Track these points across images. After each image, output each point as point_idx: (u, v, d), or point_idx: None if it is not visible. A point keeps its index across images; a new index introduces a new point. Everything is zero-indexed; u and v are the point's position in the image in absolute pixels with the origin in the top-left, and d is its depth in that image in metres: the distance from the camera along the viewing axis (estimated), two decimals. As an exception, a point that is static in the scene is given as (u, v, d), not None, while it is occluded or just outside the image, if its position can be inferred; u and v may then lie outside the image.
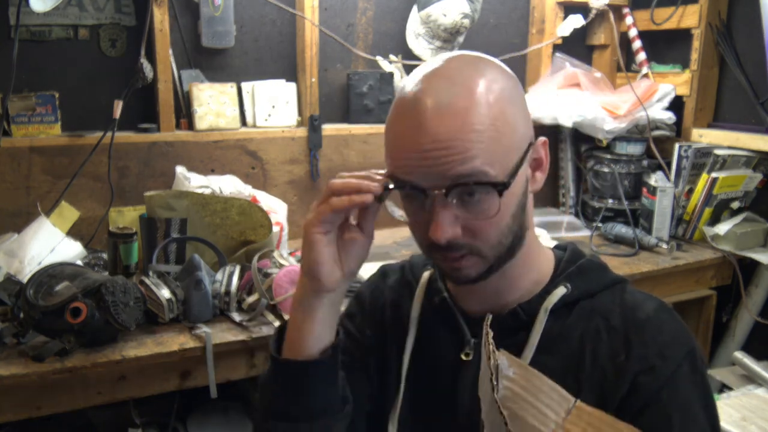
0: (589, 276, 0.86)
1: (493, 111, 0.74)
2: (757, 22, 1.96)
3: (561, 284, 0.84)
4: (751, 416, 1.61)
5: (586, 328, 0.82)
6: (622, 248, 2.05)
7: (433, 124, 0.72)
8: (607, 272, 0.88)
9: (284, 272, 1.48)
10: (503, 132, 0.74)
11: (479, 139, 0.72)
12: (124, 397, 1.35)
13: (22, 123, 1.74)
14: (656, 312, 0.82)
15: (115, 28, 1.87)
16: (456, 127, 0.72)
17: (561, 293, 0.83)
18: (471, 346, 0.86)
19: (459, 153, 0.72)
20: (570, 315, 0.83)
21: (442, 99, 0.73)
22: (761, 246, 2.09)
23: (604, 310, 0.83)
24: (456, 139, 0.72)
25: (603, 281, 0.86)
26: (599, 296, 0.84)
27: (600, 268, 0.88)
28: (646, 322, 0.81)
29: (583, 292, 0.84)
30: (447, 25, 2.12)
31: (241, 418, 1.76)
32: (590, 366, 0.80)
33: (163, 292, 1.39)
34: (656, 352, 0.78)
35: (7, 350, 1.27)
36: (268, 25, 2.06)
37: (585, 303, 0.84)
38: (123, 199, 1.83)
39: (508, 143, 0.75)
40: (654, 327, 0.80)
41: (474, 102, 0.73)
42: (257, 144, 2.01)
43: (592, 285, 0.85)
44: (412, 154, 0.74)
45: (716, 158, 2.08)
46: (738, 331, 2.17)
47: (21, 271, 1.47)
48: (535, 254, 0.87)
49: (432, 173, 0.73)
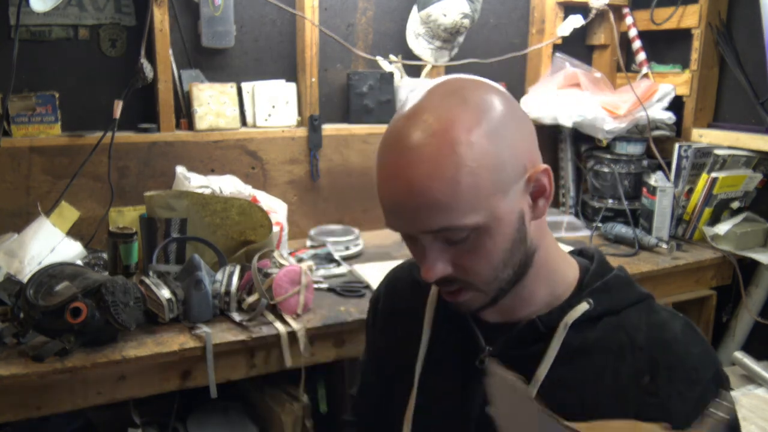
0: (614, 293, 0.83)
1: (473, 152, 0.70)
2: (757, 22, 1.96)
3: (584, 300, 0.81)
4: (751, 416, 1.61)
5: (609, 344, 0.80)
6: (622, 248, 2.05)
7: (407, 173, 0.70)
8: (633, 288, 0.86)
9: (284, 272, 1.48)
10: (483, 175, 0.70)
11: (453, 190, 0.69)
12: (124, 397, 1.35)
13: (22, 123, 1.74)
14: (683, 333, 0.80)
15: (115, 28, 1.87)
16: (428, 177, 0.69)
17: (583, 309, 0.80)
18: (485, 354, 0.85)
19: (433, 206, 0.70)
20: (593, 329, 0.81)
21: (416, 144, 0.70)
22: (761, 246, 2.09)
23: (630, 327, 0.80)
24: (428, 192, 0.70)
25: (629, 298, 0.84)
26: (624, 312, 0.82)
27: (627, 283, 0.86)
28: (673, 342, 0.79)
29: (608, 308, 0.82)
30: (447, 25, 2.12)
31: (241, 418, 1.75)
32: (611, 382, 0.78)
33: (163, 292, 1.39)
34: (683, 377, 0.76)
35: (7, 350, 1.27)
36: (268, 25, 2.06)
37: (609, 319, 0.81)
38: (123, 199, 1.83)
39: (490, 186, 0.71)
40: (681, 349, 0.78)
41: (449, 148, 0.69)
42: (257, 144, 2.01)
43: (617, 301, 0.83)
44: (394, 202, 0.73)
45: (716, 158, 2.08)
46: (738, 331, 2.17)
47: (21, 271, 1.47)
48: (554, 267, 0.84)
49: (415, 220, 0.72)
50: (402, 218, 0.74)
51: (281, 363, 1.43)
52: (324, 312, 1.51)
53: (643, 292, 0.86)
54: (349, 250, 1.92)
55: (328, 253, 1.85)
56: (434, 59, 2.23)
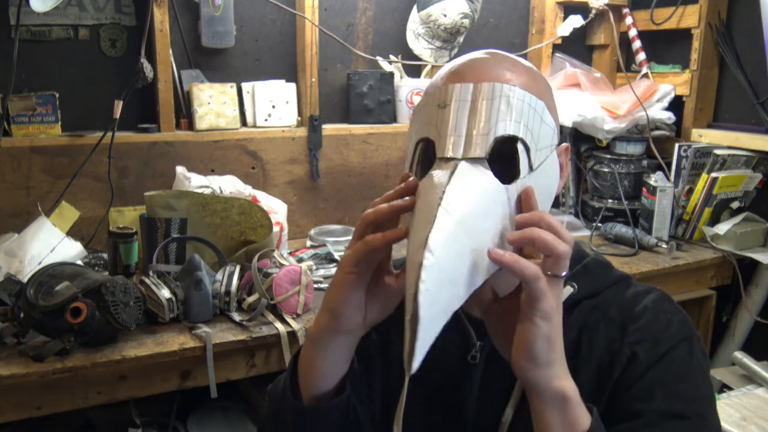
0: (594, 275, 0.86)
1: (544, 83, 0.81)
2: (757, 22, 1.96)
3: (568, 284, 0.82)
4: (751, 416, 1.61)
5: (585, 322, 0.82)
6: (622, 248, 2.05)
7: (494, 57, 0.81)
8: (611, 270, 0.88)
9: (284, 272, 1.48)
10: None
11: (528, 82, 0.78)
12: (124, 397, 1.35)
13: (22, 123, 1.74)
14: (655, 302, 0.83)
15: (115, 28, 1.87)
16: (515, 62, 0.80)
17: (568, 293, 0.82)
18: (477, 349, 0.84)
19: (511, 77, 0.78)
20: (572, 313, 0.82)
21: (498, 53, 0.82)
22: (761, 246, 2.09)
23: (605, 304, 0.83)
24: (516, 66, 0.79)
25: (608, 279, 0.86)
26: (603, 293, 0.85)
27: (604, 266, 0.88)
28: (644, 310, 0.81)
29: (589, 291, 0.84)
30: (447, 25, 2.13)
31: (241, 418, 1.76)
32: (587, 354, 0.80)
33: (163, 292, 1.39)
34: (651, 337, 0.79)
35: (7, 350, 1.27)
36: (268, 25, 2.06)
37: (588, 301, 0.84)
38: (123, 199, 1.83)
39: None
40: (650, 315, 0.81)
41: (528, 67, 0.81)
42: (257, 144, 2.01)
43: (596, 284, 0.85)
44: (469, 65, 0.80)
45: (716, 158, 2.08)
46: (738, 331, 2.17)
47: (21, 271, 1.47)
48: None
49: (487, 73, 0.78)
50: (472, 69, 0.76)
51: (281, 363, 1.43)
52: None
53: (620, 274, 0.88)
54: (348, 249, 1.92)
55: (328, 253, 1.85)
56: (434, 59, 2.23)
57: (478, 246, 0.65)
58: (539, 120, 0.73)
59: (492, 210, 0.68)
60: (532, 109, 0.73)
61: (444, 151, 0.71)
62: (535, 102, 0.73)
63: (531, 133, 0.72)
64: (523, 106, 0.72)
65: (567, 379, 0.69)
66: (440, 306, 0.63)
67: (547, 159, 0.75)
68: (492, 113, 0.71)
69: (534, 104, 0.73)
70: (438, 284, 0.62)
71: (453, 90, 0.73)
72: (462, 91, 0.73)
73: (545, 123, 0.74)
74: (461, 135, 0.71)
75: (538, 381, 0.68)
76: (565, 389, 0.68)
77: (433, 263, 0.61)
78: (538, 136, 0.73)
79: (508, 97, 0.72)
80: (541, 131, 0.74)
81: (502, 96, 0.72)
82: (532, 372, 0.67)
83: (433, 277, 0.61)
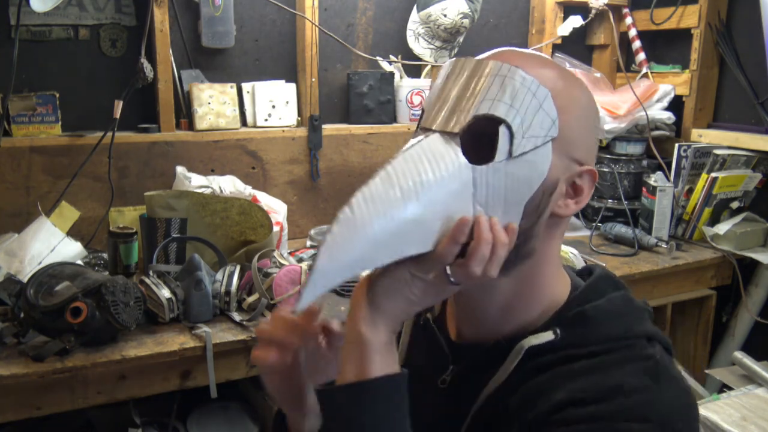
0: (588, 327, 0.72)
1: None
2: (757, 22, 1.96)
3: (551, 328, 0.72)
4: (751, 416, 1.61)
5: (555, 384, 0.69)
6: (622, 248, 2.05)
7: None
8: (615, 324, 0.73)
9: (284, 272, 1.48)
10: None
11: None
12: (124, 397, 1.35)
13: (22, 123, 1.74)
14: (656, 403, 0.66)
15: (115, 28, 1.87)
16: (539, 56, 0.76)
17: (547, 338, 0.72)
18: (448, 373, 0.79)
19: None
20: (554, 362, 0.71)
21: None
22: (761, 246, 2.09)
23: (580, 373, 0.69)
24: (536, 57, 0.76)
25: (605, 336, 0.72)
26: (593, 349, 0.71)
27: (610, 316, 0.73)
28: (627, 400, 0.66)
29: (575, 343, 0.71)
30: (447, 25, 2.13)
31: (241, 418, 1.76)
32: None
33: (163, 292, 1.39)
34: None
35: (7, 350, 1.27)
36: (268, 25, 2.06)
37: (574, 352, 0.71)
38: (123, 199, 1.83)
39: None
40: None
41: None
42: (257, 144, 2.01)
43: (587, 338, 0.71)
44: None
45: (716, 158, 2.08)
46: (738, 331, 2.17)
47: (21, 271, 1.47)
48: (541, 285, 0.76)
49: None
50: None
51: (281, 363, 1.43)
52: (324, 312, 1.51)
53: (624, 333, 0.72)
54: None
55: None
56: (434, 59, 2.23)
57: (415, 216, 0.63)
58: (536, 106, 0.68)
59: (446, 186, 0.65)
60: (530, 93, 0.68)
61: (425, 121, 0.70)
62: (536, 87, 0.68)
63: (521, 117, 0.67)
64: (519, 88, 0.67)
65: (373, 329, 0.68)
66: (344, 262, 0.62)
67: (537, 149, 0.68)
68: (481, 90, 0.68)
69: (535, 89, 0.68)
70: (348, 240, 0.61)
71: (458, 63, 0.71)
72: (464, 65, 0.71)
73: (544, 111, 0.68)
74: (445, 108, 0.69)
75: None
76: (367, 336, 0.67)
77: (348, 218, 0.61)
78: (530, 122, 0.67)
79: (504, 77, 0.68)
80: (536, 118, 0.68)
81: (499, 75, 0.68)
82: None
83: (343, 232, 0.61)
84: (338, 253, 0.61)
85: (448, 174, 0.65)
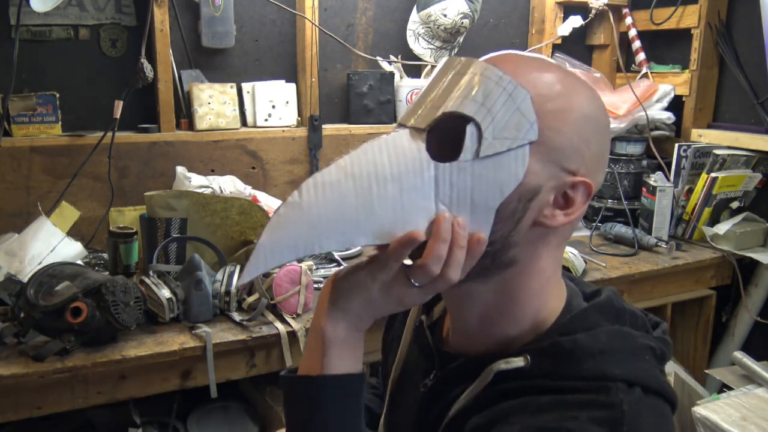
0: (561, 361, 0.67)
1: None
2: (757, 22, 1.96)
3: (524, 354, 0.68)
4: (750, 416, 1.61)
5: (513, 408, 0.66)
6: (622, 248, 2.05)
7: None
8: (590, 363, 0.66)
9: (284, 272, 1.48)
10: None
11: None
12: (124, 397, 1.35)
13: (22, 123, 1.75)
14: None
15: (115, 28, 1.87)
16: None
17: (517, 365, 0.68)
18: (431, 378, 0.78)
19: None
20: (523, 389, 0.67)
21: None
22: (761, 246, 2.09)
23: (548, 410, 0.64)
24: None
25: (577, 374, 0.66)
26: (561, 385, 0.66)
27: (587, 355, 0.66)
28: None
29: (544, 375, 0.67)
30: (447, 25, 2.13)
31: (241, 418, 1.75)
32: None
33: (163, 291, 1.39)
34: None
35: (7, 350, 1.27)
36: (268, 25, 2.06)
37: (542, 383, 0.67)
38: (123, 199, 1.83)
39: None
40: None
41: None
42: (257, 144, 2.01)
43: (558, 373, 0.66)
44: None
45: (716, 158, 2.08)
46: (738, 330, 2.17)
47: (21, 271, 1.47)
48: (523, 300, 0.72)
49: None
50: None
51: (281, 363, 1.44)
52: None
53: (600, 375, 0.65)
54: (349, 250, 1.92)
55: (328, 253, 1.86)
56: (434, 59, 2.23)
57: (370, 207, 0.63)
58: (512, 107, 0.64)
59: (404, 181, 0.63)
60: (506, 93, 0.64)
61: (401, 118, 0.71)
62: (513, 87, 0.64)
63: (492, 118, 0.64)
64: (494, 88, 0.64)
65: (332, 326, 0.68)
66: (286, 243, 0.63)
67: (510, 152, 0.64)
68: (452, 87, 0.66)
69: (511, 90, 0.64)
70: (292, 222, 0.63)
71: (450, 62, 0.70)
72: (448, 63, 0.70)
73: (520, 113, 0.64)
74: (419, 104, 0.69)
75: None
76: (326, 332, 0.67)
77: (295, 201, 0.63)
78: (502, 124, 0.64)
79: (476, 75, 0.65)
80: (510, 120, 0.64)
81: (478, 74, 0.66)
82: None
83: (289, 213, 0.63)
84: (280, 233, 0.63)
85: (406, 168, 0.64)
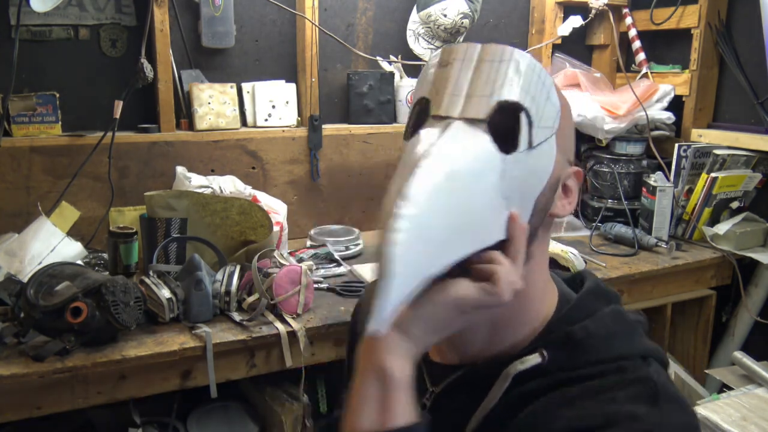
0: (577, 350, 0.67)
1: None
2: (757, 22, 1.96)
3: (538, 350, 0.68)
4: (750, 416, 1.61)
5: (548, 406, 0.65)
6: (622, 248, 2.05)
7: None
8: (606, 346, 0.68)
9: (284, 272, 1.48)
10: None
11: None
12: (124, 397, 1.35)
13: (22, 123, 1.75)
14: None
15: (115, 28, 1.87)
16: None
17: (534, 362, 0.67)
18: (428, 397, 0.76)
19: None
20: (545, 387, 0.67)
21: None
22: (761, 246, 2.09)
23: (580, 399, 0.64)
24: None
25: (595, 359, 0.67)
26: (585, 373, 0.66)
27: (600, 339, 0.68)
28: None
29: (564, 367, 0.67)
30: (447, 25, 2.13)
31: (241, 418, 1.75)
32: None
33: (163, 292, 1.39)
34: None
35: (7, 350, 1.27)
36: (268, 25, 2.06)
37: (564, 376, 0.67)
38: (123, 199, 1.83)
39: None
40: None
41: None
42: (257, 144, 2.01)
43: (576, 362, 0.67)
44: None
45: (716, 158, 2.08)
46: (738, 330, 2.17)
47: (21, 271, 1.47)
48: (532, 297, 0.71)
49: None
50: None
51: (281, 363, 1.44)
52: (324, 312, 1.51)
53: (617, 355, 0.67)
54: (349, 250, 1.92)
55: (328, 253, 1.86)
56: (434, 59, 2.23)
57: (466, 210, 0.57)
58: (546, 96, 0.64)
59: (485, 177, 0.59)
60: (541, 81, 0.64)
61: (438, 109, 0.64)
62: (545, 76, 0.64)
63: (537, 106, 0.63)
64: (532, 76, 0.63)
65: (398, 360, 0.59)
66: (414, 266, 0.53)
67: (547, 141, 0.65)
68: (498, 75, 0.62)
69: (543, 78, 0.64)
70: (415, 239, 0.52)
71: (458, 48, 0.66)
72: (468, 50, 0.65)
73: (551, 101, 0.65)
74: (460, 94, 0.63)
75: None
76: (392, 368, 0.58)
77: (412, 214, 0.52)
78: (542, 112, 0.64)
79: (518, 63, 0.63)
80: (546, 108, 0.64)
81: (512, 60, 0.63)
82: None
83: (410, 229, 0.52)
84: (409, 255, 0.52)
85: (486, 165, 0.60)
